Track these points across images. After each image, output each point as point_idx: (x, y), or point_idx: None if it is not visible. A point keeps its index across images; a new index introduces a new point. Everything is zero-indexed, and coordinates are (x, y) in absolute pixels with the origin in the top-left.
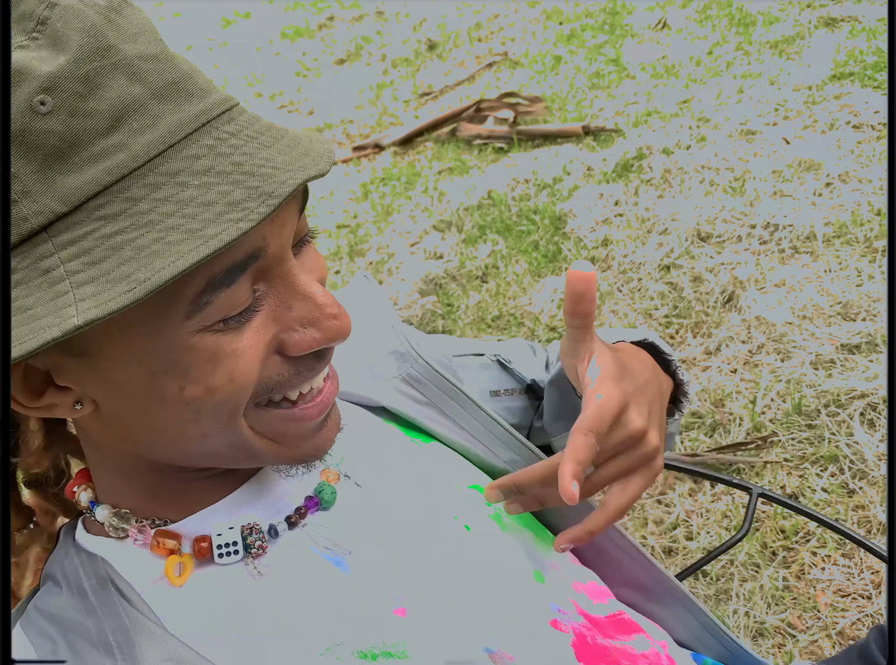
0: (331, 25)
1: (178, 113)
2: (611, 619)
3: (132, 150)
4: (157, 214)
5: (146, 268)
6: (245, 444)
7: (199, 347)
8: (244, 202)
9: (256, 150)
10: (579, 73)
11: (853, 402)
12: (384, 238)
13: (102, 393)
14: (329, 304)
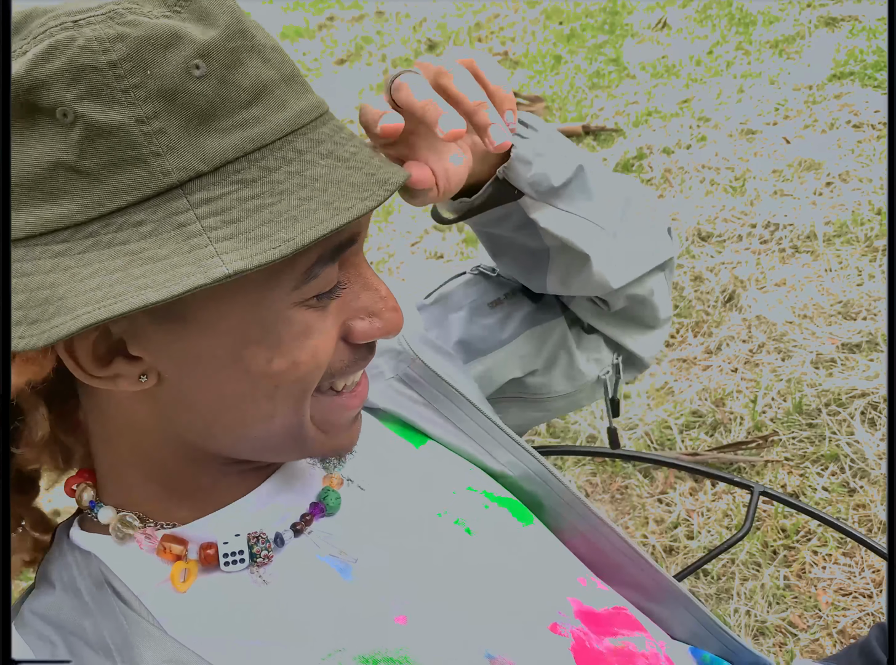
0: (331, 25)
1: (301, 101)
2: (615, 611)
3: (270, 124)
4: (291, 185)
5: (287, 229)
6: (300, 429)
7: (295, 320)
8: (365, 184)
9: (357, 149)
10: (579, 72)
11: (854, 401)
12: (384, 238)
13: (177, 364)
14: (390, 297)
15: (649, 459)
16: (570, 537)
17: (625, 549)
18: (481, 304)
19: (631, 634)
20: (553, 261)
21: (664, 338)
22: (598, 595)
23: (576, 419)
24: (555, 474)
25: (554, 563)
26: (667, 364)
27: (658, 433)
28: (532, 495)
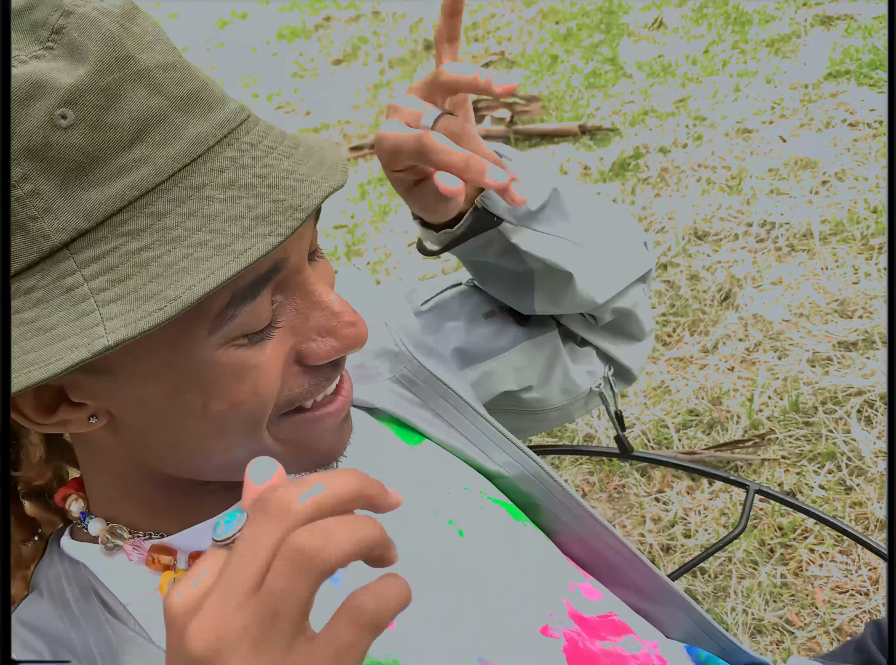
0: (327, 26)
1: (200, 125)
2: (602, 619)
3: (156, 164)
4: (184, 230)
5: (176, 285)
6: (267, 453)
7: (222, 362)
8: (271, 216)
9: (277, 162)
10: (576, 72)
11: (850, 400)
12: (381, 238)
13: (121, 408)
14: (346, 312)
15: (646, 459)
16: (566, 539)
17: (621, 551)
18: (476, 315)
19: (618, 640)
20: (538, 282)
21: (648, 351)
22: (584, 603)
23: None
24: (551, 475)
25: (546, 565)
26: (663, 363)
27: (655, 432)
28: (528, 496)
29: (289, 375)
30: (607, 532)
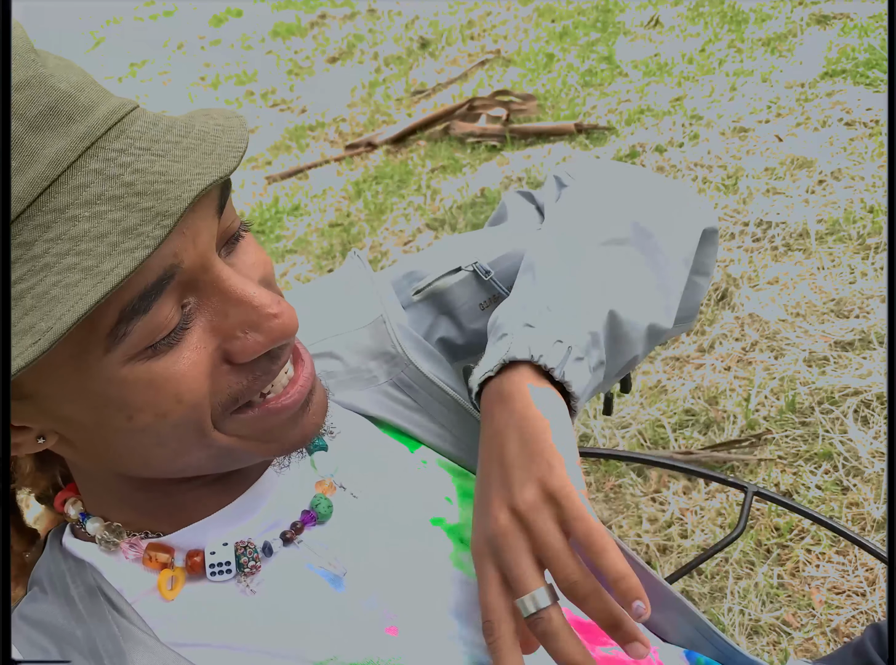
0: (323, 23)
1: (58, 141)
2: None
3: (15, 193)
4: (52, 256)
5: (48, 316)
6: (227, 452)
7: (131, 379)
8: (139, 227)
9: (149, 164)
10: (572, 70)
11: (847, 400)
12: (377, 237)
13: (58, 427)
14: (267, 303)
15: (643, 460)
16: None
17: None
18: (473, 307)
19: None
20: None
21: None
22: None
23: None
24: None
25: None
26: (659, 363)
27: (651, 432)
28: None
29: (219, 375)
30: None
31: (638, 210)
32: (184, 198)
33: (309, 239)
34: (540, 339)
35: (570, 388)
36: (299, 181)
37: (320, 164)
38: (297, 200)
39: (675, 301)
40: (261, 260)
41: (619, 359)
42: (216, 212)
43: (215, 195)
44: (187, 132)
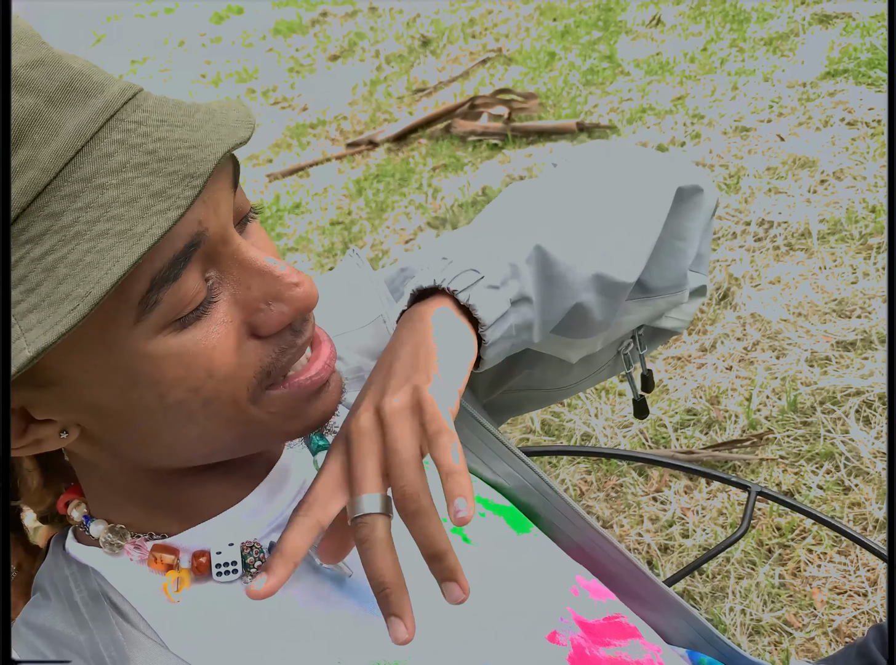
0: (324, 21)
1: (79, 114)
2: (608, 620)
3: (41, 164)
4: (83, 224)
5: (85, 282)
6: (257, 430)
7: (162, 352)
8: (168, 190)
9: (169, 133)
10: (573, 69)
11: (848, 400)
12: (378, 235)
13: (83, 417)
14: (287, 273)
15: (644, 459)
16: (565, 548)
17: (621, 561)
18: None
19: (623, 644)
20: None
21: (694, 308)
22: (589, 606)
23: (571, 418)
24: (552, 486)
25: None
26: (661, 362)
27: (653, 431)
28: (528, 507)
29: (248, 349)
30: (607, 542)
31: (603, 172)
32: (209, 160)
33: (310, 237)
34: (452, 268)
35: (475, 312)
36: (300, 179)
37: (321, 162)
38: (298, 198)
39: (633, 256)
40: (270, 243)
41: (558, 302)
42: (231, 186)
43: (230, 170)
44: (195, 109)
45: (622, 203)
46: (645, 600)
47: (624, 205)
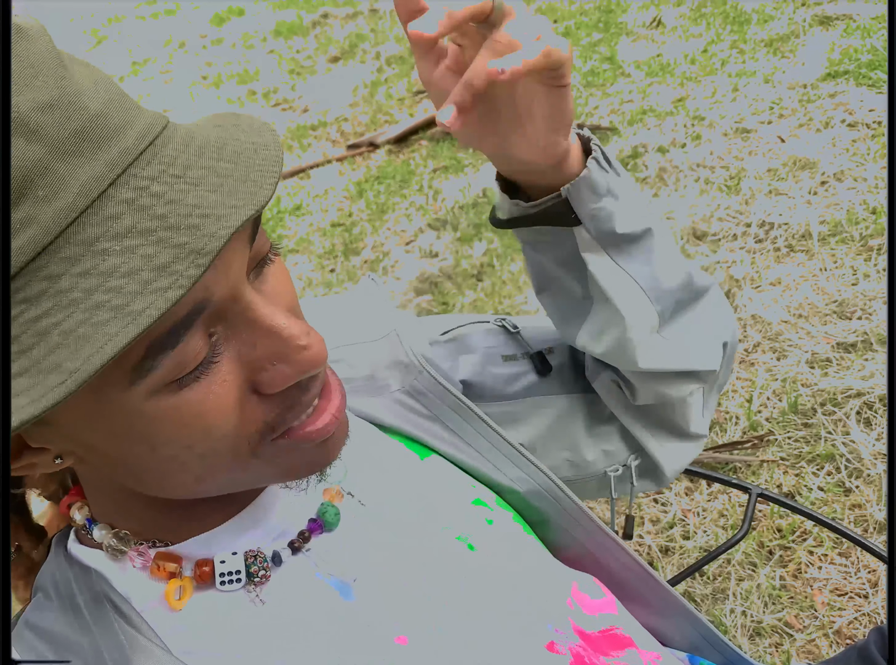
0: (325, 23)
1: (90, 168)
2: (603, 634)
3: (42, 223)
4: (80, 291)
5: (75, 356)
6: (255, 477)
7: (157, 414)
8: (172, 265)
9: (183, 194)
10: (574, 71)
11: (849, 401)
12: (379, 236)
13: (77, 450)
14: (296, 335)
15: None
16: (575, 553)
17: (632, 567)
18: (495, 354)
19: (621, 654)
20: (592, 314)
21: (693, 454)
22: (585, 619)
23: None
24: (564, 491)
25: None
26: None
27: None
28: (539, 512)
29: (250, 406)
30: (619, 548)
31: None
32: (220, 235)
33: (311, 239)
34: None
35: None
36: (301, 181)
37: (322, 164)
38: (298, 200)
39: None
40: (286, 288)
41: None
42: (248, 240)
43: (249, 223)
44: (220, 155)
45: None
46: (651, 605)
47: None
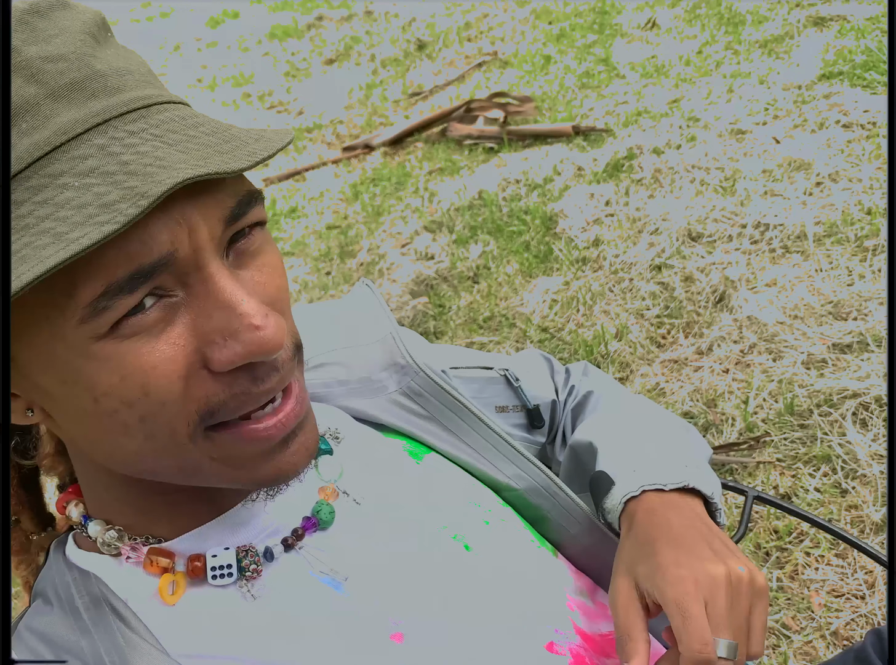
0: (320, 25)
1: (73, 112)
2: (604, 637)
3: (17, 152)
4: (34, 218)
5: (14, 272)
6: (195, 468)
7: (101, 356)
8: (116, 204)
9: (153, 149)
10: (569, 72)
11: (845, 402)
12: (375, 239)
13: (40, 399)
14: (251, 313)
15: None
16: (573, 550)
17: None
18: (489, 404)
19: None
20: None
21: None
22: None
23: None
24: (561, 487)
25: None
26: (658, 365)
27: None
28: (537, 508)
29: (197, 380)
30: (615, 544)
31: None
32: (166, 182)
33: (306, 241)
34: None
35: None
36: (296, 183)
37: (317, 167)
38: (294, 203)
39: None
40: (274, 283)
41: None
42: (224, 217)
43: (228, 203)
44: (215, 132)
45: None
46: None
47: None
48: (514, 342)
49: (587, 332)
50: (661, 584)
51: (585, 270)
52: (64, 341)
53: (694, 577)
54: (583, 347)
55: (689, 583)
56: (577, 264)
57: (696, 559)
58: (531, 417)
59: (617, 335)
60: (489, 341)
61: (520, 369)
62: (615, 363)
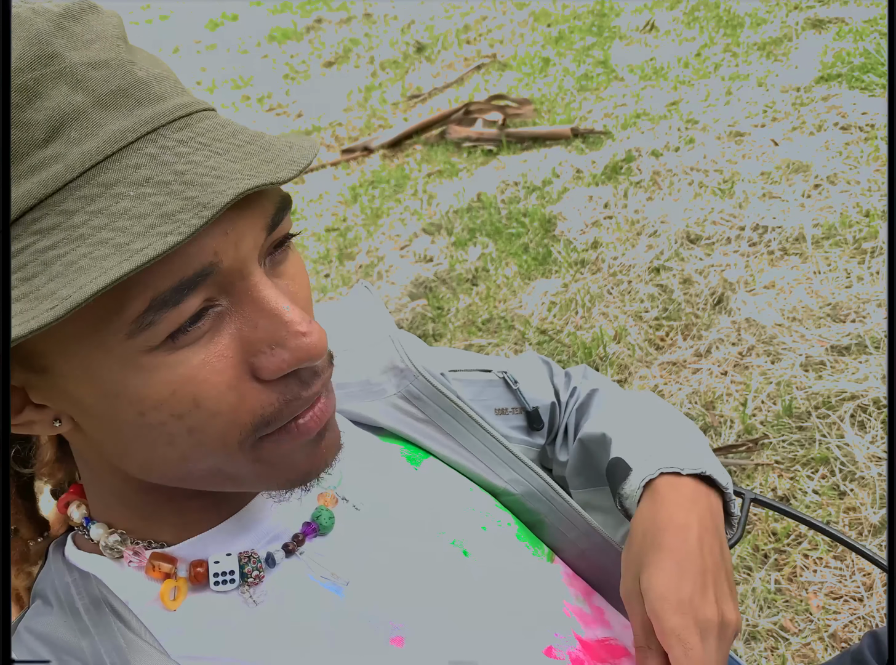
0: (319, 28)
1: (122, 121)
2: (601, 643)
3: (68, 161)
4: (89, 228)
5: (70, 284)
6: (234, 474)
7: (148, 368)
8: (177, 214)
9: (205, 158)
10: (568, 75)
11: (843, 404)
12: (374, 241)
13: (72, 410)
14: (297, 321)
15: None
16: (571, 555)
17: None
18: (489, 407)
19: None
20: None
21: None
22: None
23: None
24: (558, 492)
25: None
26: (656, 367)
27: None
28: (534, 513)
29: (248, 391)
30: (613, 549)
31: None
32: (227, 193)
33: (305, 243)
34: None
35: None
36: (295, 185)
37: (316, 169)
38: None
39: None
40: (304, 292)
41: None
42: (266, 225)
43: (270, 210)
44: (253, 140)
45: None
46: None
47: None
48: (512, 344)
49: (586, 334)
50: (661, 613)
51: (584, 272)
52: (110, 353)
53: (694, 617)
54: (581, 349)
55: (689, 619)
56: (575, 266)
57: (696, 593)
58: (530, 419)
59: (615, 337)
60: (488, 343)
61: (519, 372)
62: (614, 365)
